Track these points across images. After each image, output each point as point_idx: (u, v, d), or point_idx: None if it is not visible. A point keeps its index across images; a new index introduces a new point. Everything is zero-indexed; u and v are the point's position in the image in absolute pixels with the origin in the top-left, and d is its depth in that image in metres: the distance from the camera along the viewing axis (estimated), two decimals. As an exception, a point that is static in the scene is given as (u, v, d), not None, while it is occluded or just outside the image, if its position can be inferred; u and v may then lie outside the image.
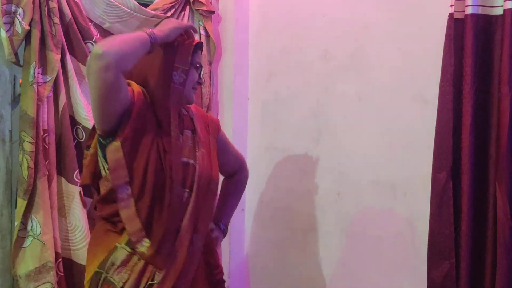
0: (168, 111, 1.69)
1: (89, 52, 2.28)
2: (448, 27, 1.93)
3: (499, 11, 1.87)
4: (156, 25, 2.44)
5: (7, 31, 2.05)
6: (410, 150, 2.22)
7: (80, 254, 2.26)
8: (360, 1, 2.42)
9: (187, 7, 2.60)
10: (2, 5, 2.05)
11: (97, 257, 1.66)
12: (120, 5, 2.33)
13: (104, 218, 1.71)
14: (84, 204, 2.28)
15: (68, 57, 2.23)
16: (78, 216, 2.26)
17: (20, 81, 2.16)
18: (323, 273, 2.54)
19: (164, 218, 1.64)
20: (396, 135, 2.27)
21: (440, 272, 1.94)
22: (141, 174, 1.62)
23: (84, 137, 2.29)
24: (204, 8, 2.59)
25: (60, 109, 2.23)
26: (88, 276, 1.68)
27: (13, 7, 2.06)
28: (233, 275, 2.82)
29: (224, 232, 2.05)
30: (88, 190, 2.31)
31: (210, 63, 2.71)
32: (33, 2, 2.09)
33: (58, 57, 2.18)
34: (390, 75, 2.29)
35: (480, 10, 1.88)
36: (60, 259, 2.21)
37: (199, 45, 1.82)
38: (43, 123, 2.15)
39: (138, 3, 2.39)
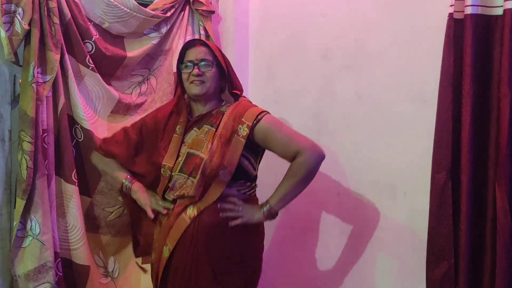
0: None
1: (88, 52, 2.28)
2: (448, 27, 1.93)
3: (499, 11, 1.86)
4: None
5: (6, 31, 2.05)
6: (409, 150, 2.22)
7: (79, 254, 2.27)
8: (360, 0, 2.42)
9: (187, 7, 2.60)
10: (1, 4, 2.04)
11: None
12: (119, 5, 2.32)
13: None
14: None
15: (67, 57, 2.23)
16: (75, 216, 2.26)
17: (20, 80, 2.16)
18: (323, 273, 2.54)
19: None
20: (396, 135, 2.27)
21: (439, 272, 1.93)
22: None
23: (82, 137, 2.29)
24: (204, 8, 2.59)
25: (59, 109, 2.23)
26: None
27: (13, 6, 2.06)
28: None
29: (267, 213, 2.08)
30: (85, 189, 2.31)
31: (210, 63, 2.70)
32: (33, 2, 2.08)
33: (58, 57, 2.17)
34: (390, 75, 2.29)
35: (479, 10, 1.88)
36: (59, 259, 2.21)
37: (187, 45, 2.18)
38: (42, 123, 2.15)
39: (137, 3, 2.39)
